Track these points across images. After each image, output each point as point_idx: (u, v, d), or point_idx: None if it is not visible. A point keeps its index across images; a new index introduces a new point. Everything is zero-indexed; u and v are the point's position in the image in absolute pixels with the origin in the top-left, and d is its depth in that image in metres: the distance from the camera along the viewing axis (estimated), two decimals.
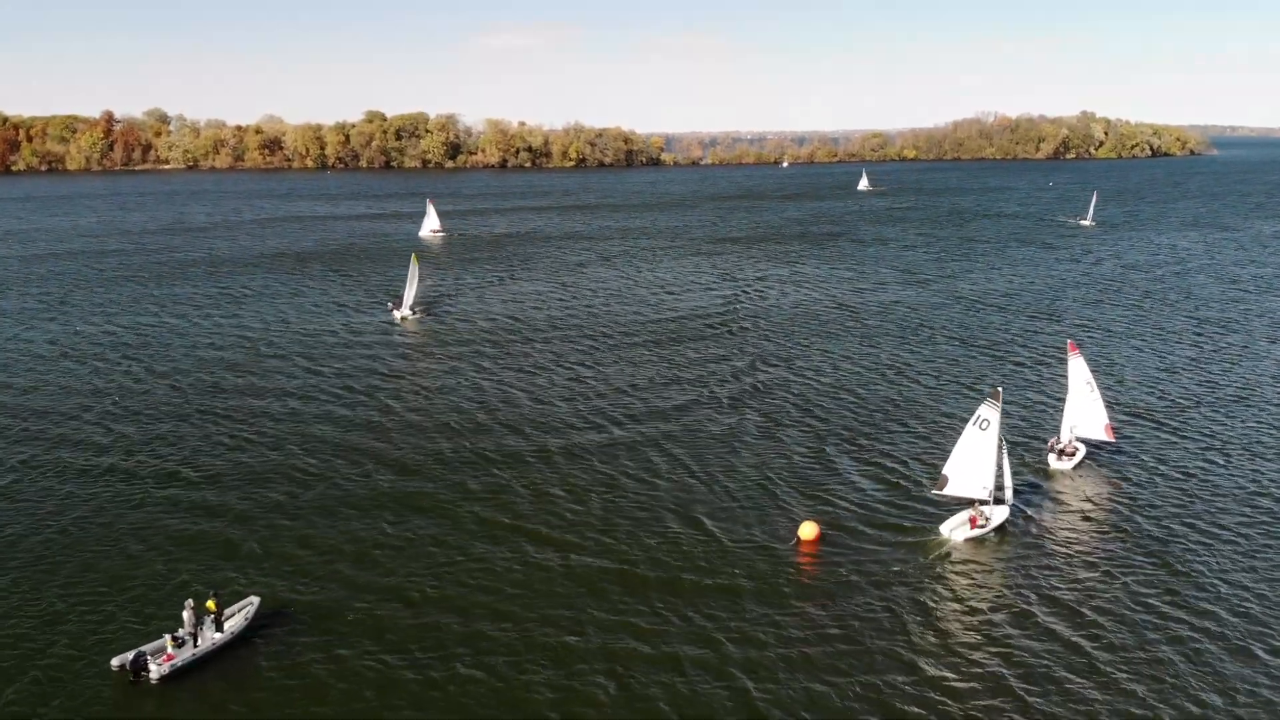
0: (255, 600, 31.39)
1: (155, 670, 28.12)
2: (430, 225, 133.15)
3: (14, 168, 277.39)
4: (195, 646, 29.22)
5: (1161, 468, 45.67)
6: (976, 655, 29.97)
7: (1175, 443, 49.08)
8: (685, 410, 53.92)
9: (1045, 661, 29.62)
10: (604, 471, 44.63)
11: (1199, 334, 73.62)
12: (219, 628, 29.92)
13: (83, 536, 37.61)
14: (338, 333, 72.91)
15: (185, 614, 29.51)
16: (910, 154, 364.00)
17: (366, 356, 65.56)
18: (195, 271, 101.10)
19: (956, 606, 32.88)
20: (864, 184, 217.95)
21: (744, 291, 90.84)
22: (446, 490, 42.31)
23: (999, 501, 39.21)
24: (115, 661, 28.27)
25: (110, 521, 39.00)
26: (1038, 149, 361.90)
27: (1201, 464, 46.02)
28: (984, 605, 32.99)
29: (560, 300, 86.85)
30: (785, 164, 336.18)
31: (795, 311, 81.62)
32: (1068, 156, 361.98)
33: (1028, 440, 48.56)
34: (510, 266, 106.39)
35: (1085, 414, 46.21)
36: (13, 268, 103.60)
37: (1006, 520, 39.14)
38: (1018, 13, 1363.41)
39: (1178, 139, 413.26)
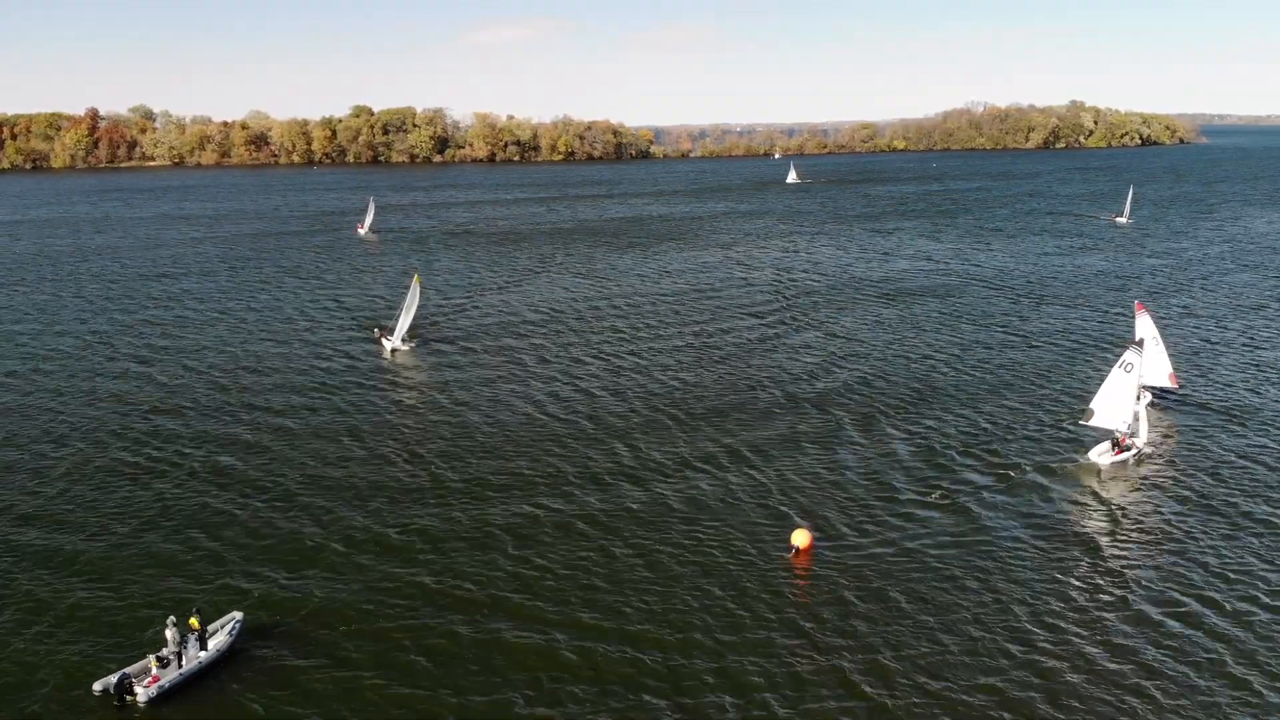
0: (238, 615, 30.40)
1: (143, 693, 27.14)
2: (368, 222, 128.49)
3: None
4: (180, 666, 28.30)
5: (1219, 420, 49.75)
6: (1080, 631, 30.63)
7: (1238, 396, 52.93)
8: (744, 413, 52.44)
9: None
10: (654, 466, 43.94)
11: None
12: (203, 645, 29.01)
13: (47, 554, 35.94)
14: (301, 376, 59.01)
15: (168, 632, 28.55)
16: (900, 145, 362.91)
17: (344, 401, 54.26)
18: (183, 270, 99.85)
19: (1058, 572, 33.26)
20: (791, 177, 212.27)
21: (775, 280, 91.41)
22: (429, 498, 41.40)
23: (1133, 435, 43.78)
24: (98, 686, 27.26)
25: (75, 537, 37.37)
26: (1027, 139, 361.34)
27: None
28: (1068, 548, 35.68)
29: (577, 306, 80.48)
30: (777, 155, 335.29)
31: (820, 300, 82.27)
32: (1058, 146, 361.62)
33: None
34: (515, 270, 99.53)
35: (1150, 364, 49.43)
36: None
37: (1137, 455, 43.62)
38: (1008, 2, 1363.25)
39: (1167, 127, 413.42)
